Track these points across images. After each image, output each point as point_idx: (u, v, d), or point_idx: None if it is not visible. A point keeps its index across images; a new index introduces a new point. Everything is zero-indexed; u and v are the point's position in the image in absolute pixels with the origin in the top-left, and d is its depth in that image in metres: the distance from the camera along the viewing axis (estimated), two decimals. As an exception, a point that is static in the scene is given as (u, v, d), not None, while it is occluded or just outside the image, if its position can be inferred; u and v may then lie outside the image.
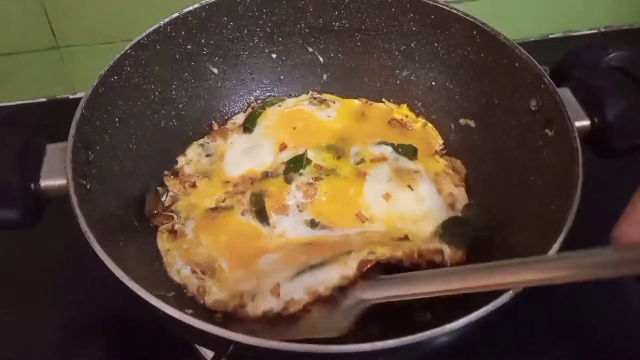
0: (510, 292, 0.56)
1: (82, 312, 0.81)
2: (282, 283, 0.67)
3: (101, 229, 0.62)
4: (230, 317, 0.69)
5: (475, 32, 0.81)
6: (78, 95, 1.14)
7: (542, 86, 0.73)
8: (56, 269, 0.84)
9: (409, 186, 0.80)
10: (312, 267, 0.68)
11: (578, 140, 0.67)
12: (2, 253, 0.85)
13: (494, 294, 0.56)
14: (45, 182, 0.66)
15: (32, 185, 0.65)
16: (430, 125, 0.90)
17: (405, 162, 0.84)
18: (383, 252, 0.69)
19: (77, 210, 0.61)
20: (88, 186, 0.66)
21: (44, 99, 1.14)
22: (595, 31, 1.26)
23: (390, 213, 0.78)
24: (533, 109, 0.74)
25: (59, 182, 0.66)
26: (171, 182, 0.80)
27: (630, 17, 1.27)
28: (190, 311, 0.68)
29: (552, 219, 0.64)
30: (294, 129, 0.88)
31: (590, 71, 0.75)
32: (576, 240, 0.60)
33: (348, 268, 0.67)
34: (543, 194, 0.70)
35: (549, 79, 0.72)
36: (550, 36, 1.26)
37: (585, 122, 0.72)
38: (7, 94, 1.10)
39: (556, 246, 0.59)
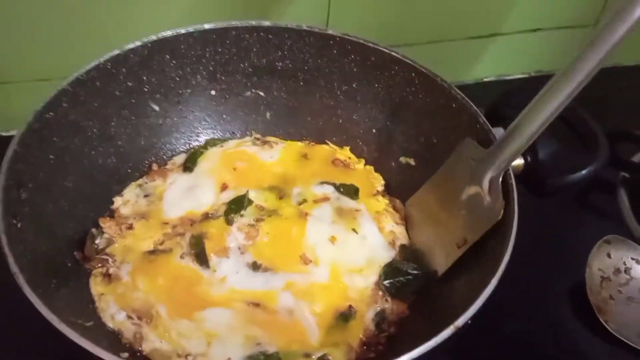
0: (452, 327, 0.57)
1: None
2: None
3: (32, 271, 0.60)
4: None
5: (413, 74, 0.83)
6: (12, 132, 1.09)
7: (478, 126, 0.76)
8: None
9: (354, 229, 0.80)
10: (266, 358, 0.67)
11: (513, 178, 0.69)
12: None
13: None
14: (-28, 221, 0.63)
15: (-41, 225, 0.62)
16: (370, 167, 0.92)
17: (347, 202, 0.84)
18: (339, 356, 0.69)
19: (7, 250, 0.59)
20: (19, 225, 0.64)
21: (-24, 136, 1.09)
22: (527, 75, 1.31)
23: (336, 260, 0.78)
24: (470, 147, 0.77)
25: (-12, 220, 0.63)
26: (106, 224, 0.77)
27: (558, 63, 1.33)
28: (126, 354, 0.65)
29: (489, 258, 0.66)
30: (235, 169, 0.87)
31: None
32: (512, 274, 0.62)
33: None
34: (481, 232, 0.72)
35: (484, 119, 0.75)
36: (485, 80, 1.30)
37: (519, 161, 0.75)
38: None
39: (494, 281, 0.61)
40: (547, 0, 1.19)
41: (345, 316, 0.73)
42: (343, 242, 0.79)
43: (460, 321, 0.58)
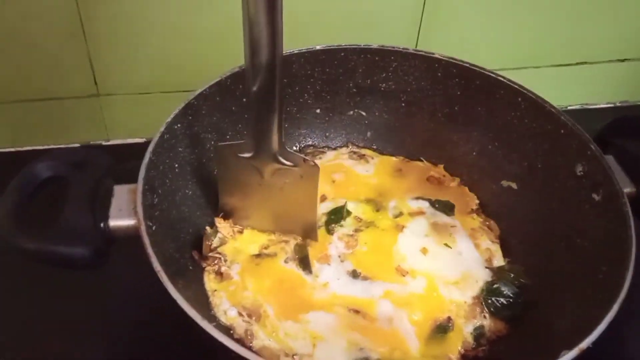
0: (576, 349, 0.58)
1: (145, 354, 0.80)
2: None
3: (166, 270, 0.63)
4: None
5: (520, 99, 0.85)
6: (111, 142, 1.15)
7: (589, 152, 0.76)
8: (116, 307, 0.84)
9: (446, 244, 0.82)
10: None
11: (629, 206, 0.69)
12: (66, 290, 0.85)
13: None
14: (113, 222, 0.68)
15: (102, 225, 0.67)
16: (464, 187, 0.93)
17: (442, 217, 0.86)
18: None
19: (150, 250, 0.62)
20: (153, 228, 0.68)
21: (78, 144, 1.15)
22: (612, 105, 1.30)
23: (430, 270, 0.80)
24: (579, 174, 0.77)
25: (127, 222, 0.68)
26: (222, 224, 0.81)
27: (645, 94, 1.33)
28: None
29: (603, 283, 0.67)
30: (333, 182, 0.91)
31: (633, 141, 0.78)
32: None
33: None
34: (591, 257, 0.72)
35: (595, 145, 0.76)
36: (569, 108, 1.30)
37: (631, 189, 0.75)
38: (44, 138, 1.12)
39: (615, 307, 0.61)
40: (637, 31, 1.19)
41: (443, 327, 0.74)
42: (435, 255, 0.81)
43: (585, 344, 0.58)
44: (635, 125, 0.81)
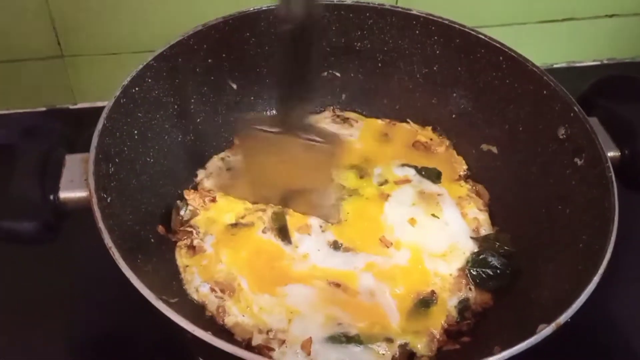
0: (553, 324, 0.55)
1: (96, 331, 0.78)
2: (314, 339, 0.66)
3: (121, 245, 0.60)
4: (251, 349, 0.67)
5: (501, 58, 0.81)
6: (79, 105, 1.10)
7: (572, 115, 0.73)
8: (69, 286, 0.80)
9: (433, 215, 0.79)
10: (347, 339, 0.67)
11: (612, 171, 0.66)
12: (13, 268, 0.81)
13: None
14: (64, 194, 0.64)
15: (52, 197, 0.63)
16: (452, 150, 0.89)
17: (429, 185, 0.83)
18: (422, 347, 0.68)
19: (101, 225, 0.59)
20: (108, 199, 0.64)
21: (43, 108, 1.10)
22: (599, 63, 1.27)
23: (416, 243, 0.77)
24: (561, 137, 0.74)
25: (79, 194, 0.64)
26: (191, 196, 0.78)
27: (632, 50, 1.29)
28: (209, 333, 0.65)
29: (584, 253, 0.64)
30: (316, 147, 0.87)
31: (619, 102, 0.75)
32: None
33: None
34: (573, 224, 0.69)
35: (579, 107, 0.72)
36: (555, 66, 1.26)
37: (615, 153, 0.72)
38: (8, 102, 1.07)
39: (596, 279, 0.58)
40: (627, -14, 1.15)
41: (426, 301, 0.72)
42: (423, 225, 0.78)
43: (562, 319, 0.55)
44: (621, 85, 0.77)
